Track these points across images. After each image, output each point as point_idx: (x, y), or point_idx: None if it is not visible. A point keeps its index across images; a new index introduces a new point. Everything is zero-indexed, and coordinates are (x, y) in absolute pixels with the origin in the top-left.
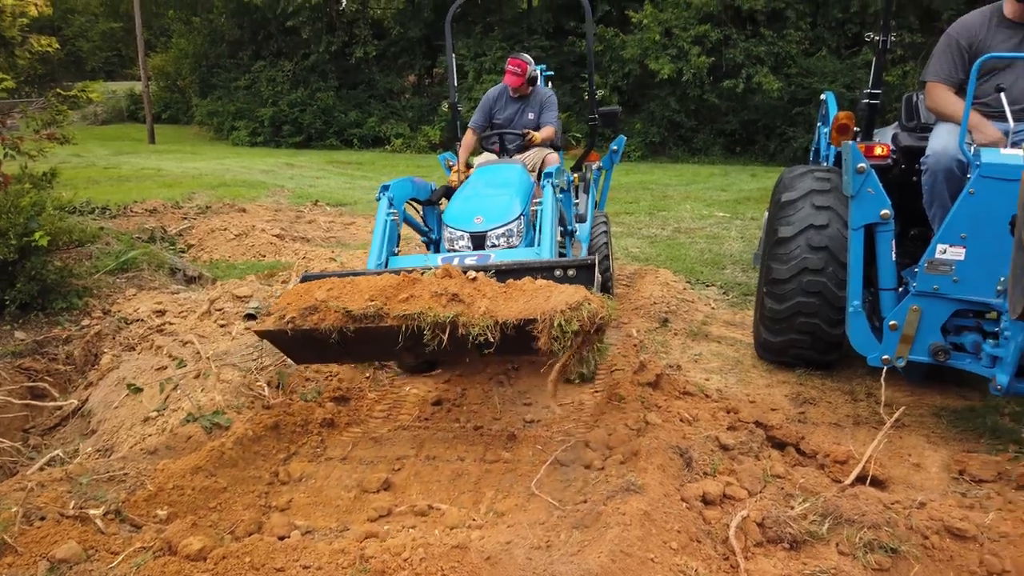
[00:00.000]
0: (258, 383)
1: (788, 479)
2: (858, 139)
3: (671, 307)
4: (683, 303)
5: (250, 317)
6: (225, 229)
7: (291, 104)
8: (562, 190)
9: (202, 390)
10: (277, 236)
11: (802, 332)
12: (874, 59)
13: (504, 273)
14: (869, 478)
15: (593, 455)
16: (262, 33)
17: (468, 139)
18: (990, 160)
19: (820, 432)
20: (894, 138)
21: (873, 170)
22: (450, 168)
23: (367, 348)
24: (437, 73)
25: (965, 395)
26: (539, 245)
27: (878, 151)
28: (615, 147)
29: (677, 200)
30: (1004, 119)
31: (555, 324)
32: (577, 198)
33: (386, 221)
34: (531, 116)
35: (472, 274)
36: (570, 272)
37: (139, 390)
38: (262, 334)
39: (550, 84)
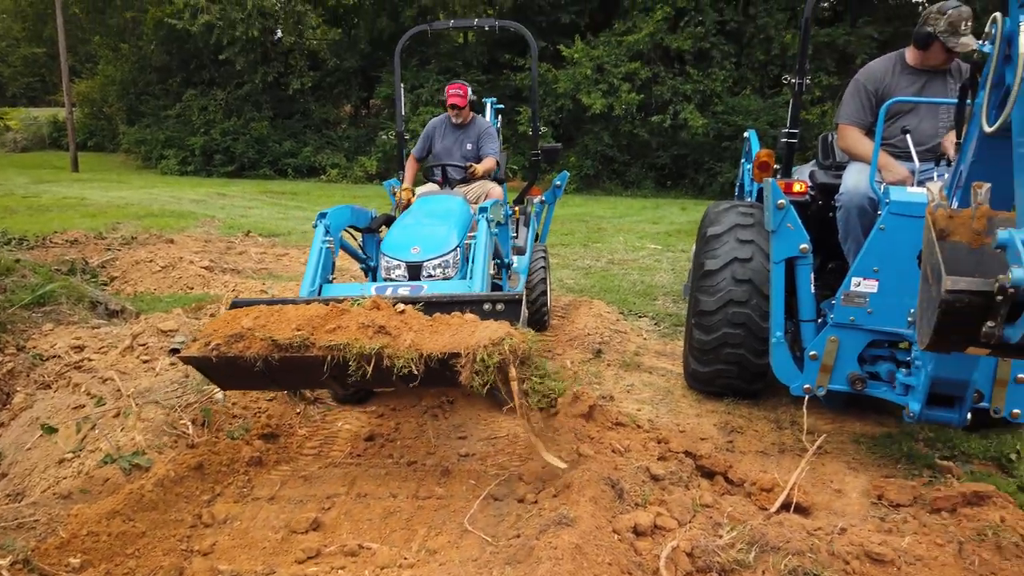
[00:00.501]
0: (182, 421)
1: (717, 508)
2: (778, 176)
3: (604, 338)
4: (616, 334)
5: (175, 352)
6: (151, 261)
7: (223, 133)
8: (498, 224)
9: (122, 429)
10: (206, 268)
11: (729, 362)
12: (791, 100)
13: (434, 305)
14: (793, 505)
15: (526, 488)
16: (194, 62)
17: (410, 167)
18: (898, 198)
19: (747, 460)
20: (812, 175)
21: (792, 206)
22: (394, 194)
23: (292, 377)
24: (374, 104)
25: (883, 422)
26: (471, 278)
27: (797, 188)
28: (558, 182)
29: (611, 232)
30: (910, 159)
31: (477, 359)
32: (517, 232)
33: (321, 249)
34: (469, 146)
35: (400, 307)
36: (498, 306)
37: (54, 430)
38: (187, 360)
39: (500, 117)
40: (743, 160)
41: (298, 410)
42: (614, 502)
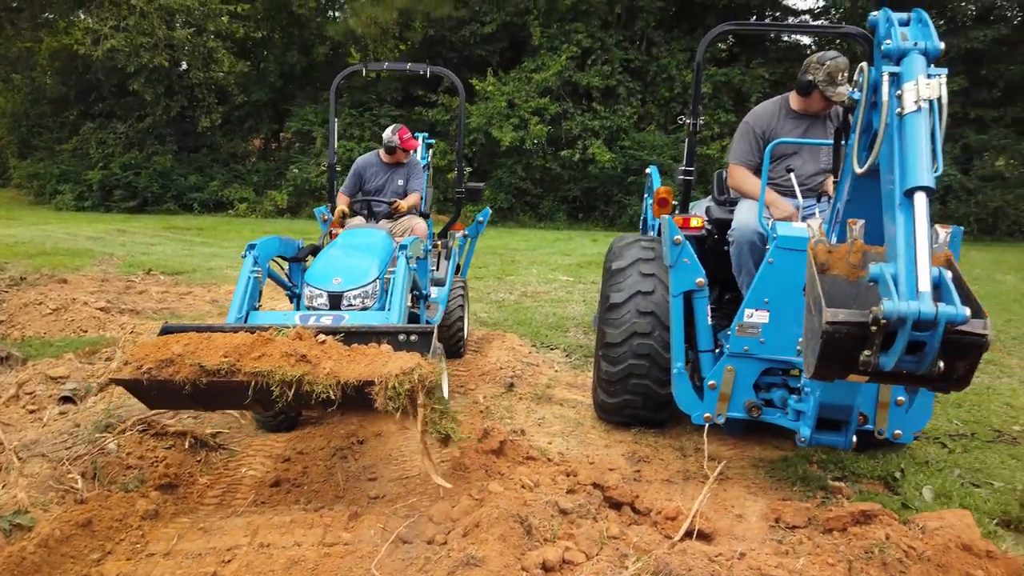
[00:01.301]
0: (70, 475)
1: (623, 539)
2: (676, 211)
3: (517, 371)
4: (528, 367)
5: (67, 400)
6: (41, 303)
7: (124, 167)
8: (417, 259)
9: (3, 486)
10: (102, 309)
11: (635, 393)
12: (687, 139)
13: (353, 335)
14: (696, 532)
15: (436, 529)
16: (93, 94)
17: (340, 204)
18: (784, 233)
19: (653, 489)
20: (708, 211)
21: (688, 241)
22: (325, 221)
23: (219, 399)
24: (284, 137)
25: (781, 446)
26: (389, 309)
27: (694, 223)
28: (481, 218)
29: (524, 264)
30: (795, 196)
31: (389, 386)
32: (437, 265)
33: (249, 278)
34: (400, 183)
35: (321, 337)
36: (412, 338)
37: None
38: (118, 382)
39: (431, 151)
40: (646, 195)
41: (199, 458)
42: (523, 539)
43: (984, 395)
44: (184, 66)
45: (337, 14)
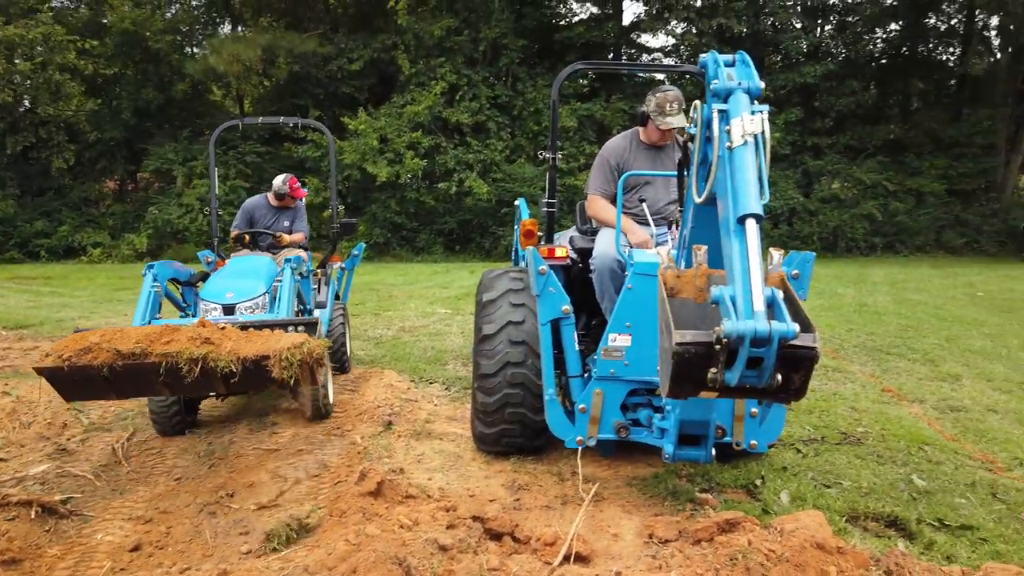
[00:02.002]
0: None
1: (503, 570)
2: (541, 242)
3: (395, 409)
4: (407, 403)
5: None
6: None
7: None
8: (301, 275)
9: None
10: None
11: (511, 422)
12: (548, 173)
13: (247, 327)
14: (574, 556)
15: None
16: None
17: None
18: (640, 259)
19: (533, 516)
20: (571, 240)
21: (552, 271)
22: (209, 263)
23: (133, 385)
24: (142, 178)
25: (651, 464)
26: (278, 310)
27: (558, 253)
28: (356, 252)
29: (402, 299)
30: (648, 224)
31: (283, 357)
32: (319, 289)
33: (150, 292)
34: (287, 223)
35: (222, 324)
36: (299, 328)
37: None
38: (40, 371)
39: (306, 189)
40: (515, 227)
41: (47, 527)
42: None
43: (831, 401)
44: (28, 104)
45: (196, 50)
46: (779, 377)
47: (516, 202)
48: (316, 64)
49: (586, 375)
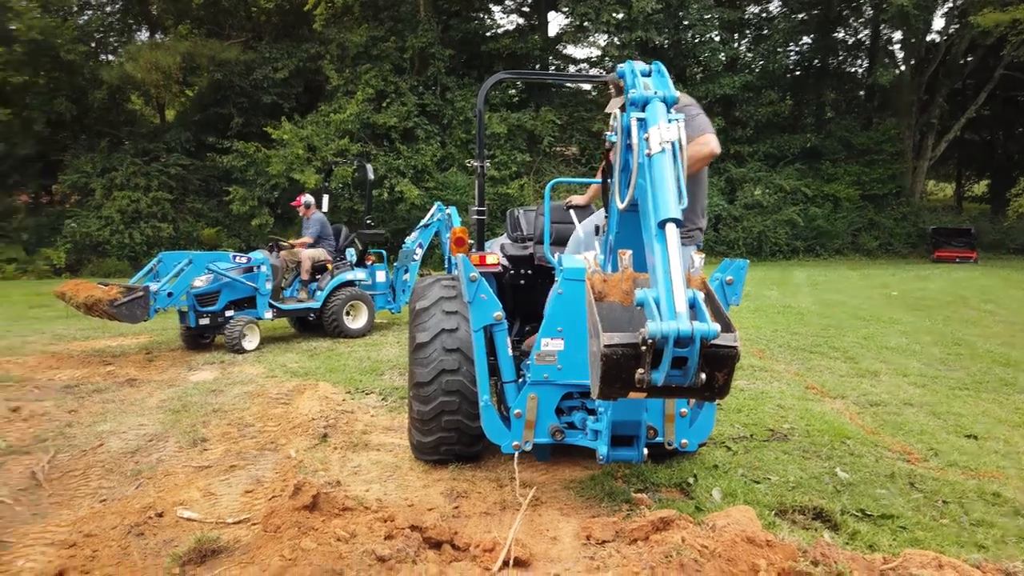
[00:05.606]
0: None
1: None
2: (473, 250)
3: (330, 421)
4: (343, 415)
5: None
6: None
7: None
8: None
9: None
10: None
11: (448, 429)
12: (476, 181)
13: None
14: (512, 560)
15: None
16: None
17: None
18: (569, 265)
19: (472, 523)
20: (503, 248)
21: (483, 278)
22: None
23: None
24: (58, 190)
25: (588, 466)
26: None
27: (490, 260)
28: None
29: None
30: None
31: None
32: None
33: None
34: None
35: None
36: None
37: None
38: None
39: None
40: (445, 234)
41: None
42: None
43: (759, 399)
44: None
45: (111, 58)
46: (703, 376)
47: (448, 210)
48: (239, 72)
49: (520, 380)
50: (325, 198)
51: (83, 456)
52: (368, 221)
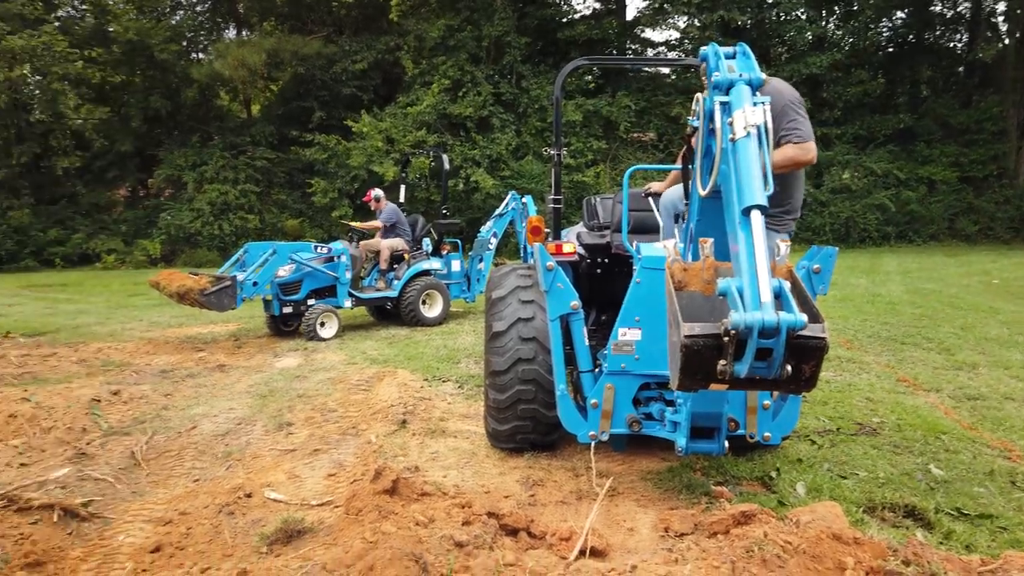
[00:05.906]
0: None
1: (519, 565)
2: (549, 238)
3: (409, 407)
4: (421, 401)
5: None
6: None
7: None
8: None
9: None
10: None
11: (524, 418)
12: (553, 169)
13: None
14: (589, 550)
15: None
16: None
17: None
18: (647, 253)
19: (548, 512)
20: (579, 236)
21: (560, 267)
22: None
23: None
24: (153, 184)
25: (666, 457)
26: None
27: (566, 249)
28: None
29: None
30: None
31: None
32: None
33: None
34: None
35: None
36: None
37: None
38: None
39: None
40: (522, 223)
41: (69, 530)
42: None
43: (846, 392)
44: (37, 113)
45: (201, 56)
46: (789, 368)
47: (523, 199)
48: (320, 66)
49: (597, 370)
50: (402, 189)
51: (178, 437)
52: (444, 211)
